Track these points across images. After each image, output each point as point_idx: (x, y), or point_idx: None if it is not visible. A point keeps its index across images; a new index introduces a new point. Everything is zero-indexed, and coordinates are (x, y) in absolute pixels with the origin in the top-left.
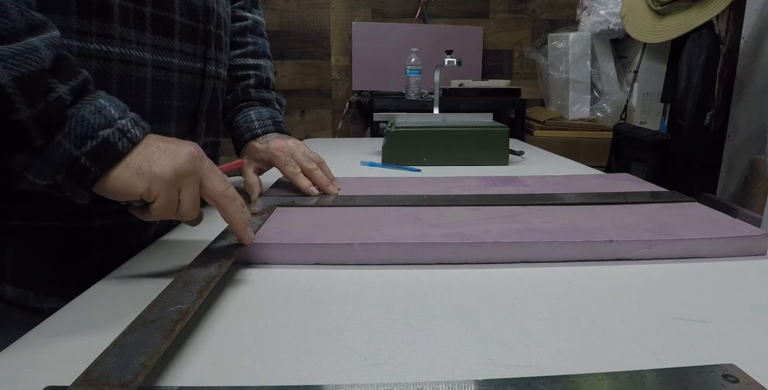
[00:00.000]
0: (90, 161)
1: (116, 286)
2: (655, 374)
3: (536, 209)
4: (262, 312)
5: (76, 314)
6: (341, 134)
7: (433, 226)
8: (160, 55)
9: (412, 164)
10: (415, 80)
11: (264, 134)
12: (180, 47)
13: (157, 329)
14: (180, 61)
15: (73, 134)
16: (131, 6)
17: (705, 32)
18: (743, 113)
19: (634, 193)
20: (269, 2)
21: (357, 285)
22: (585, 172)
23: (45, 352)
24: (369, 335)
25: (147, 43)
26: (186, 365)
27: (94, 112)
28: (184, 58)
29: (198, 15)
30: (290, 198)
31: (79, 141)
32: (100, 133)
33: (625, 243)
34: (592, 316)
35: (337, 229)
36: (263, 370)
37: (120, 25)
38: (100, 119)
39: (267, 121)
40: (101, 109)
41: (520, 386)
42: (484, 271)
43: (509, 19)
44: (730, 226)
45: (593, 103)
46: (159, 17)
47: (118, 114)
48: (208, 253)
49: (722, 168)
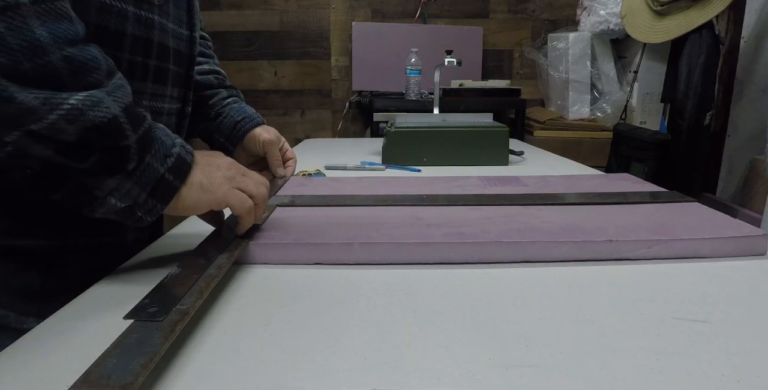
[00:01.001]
0: (173, 175)
1: (116, 286)
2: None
3: (536, 209)
4: (262, 312)
5: (75, 315)
6: (341, 134)
7: (433, 225)
8: (156, 101)
9: (412, 164)
10: (415, 80)
11: (261, 124)
12: (170, 92)
13: (157, 330)
14: (168, 105)
15: (159, 154)
16: (139, 60)
17: (705, 32)
18: (743, 113)
19: (634, 193)
20: (269, 2)
21: (357, 285)
22: (585, 172)
23: (44, 353)
24: (369, 335)
25: (147, 92)
26: (186, 366)
27: (165, 134)
28: (171, 102)
29: (184, 62)
30: (290, 197)
31: (162, 159)
32: (173, 151)
33: (625, 243)
34: (592, 316)
35: (337, 229)
36: (263, 371)
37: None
38: (170, 140)
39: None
40: (165, 131)
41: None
42: (484, 271)
43: (509, 19)
44: (730, 226)
45: (593, 103)
46: (159, 68)
47: (173, 135)
48: (205, 250)
49: (722, 168)
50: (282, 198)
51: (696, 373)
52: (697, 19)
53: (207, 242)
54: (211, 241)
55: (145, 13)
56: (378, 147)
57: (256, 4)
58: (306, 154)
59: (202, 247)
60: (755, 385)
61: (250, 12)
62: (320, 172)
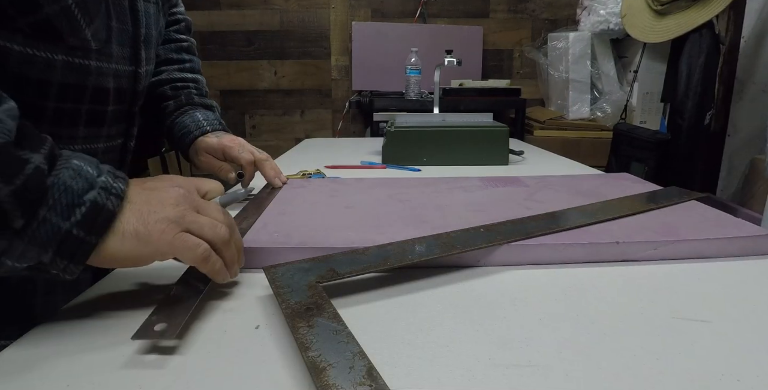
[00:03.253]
0: (84, 231)
1: (117, 285)
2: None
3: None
4: (262, 312)
5: (78, 313)
6: (341, 134)
7: (438, 228)
8: (90, 143)
9: (412, 164)
10: (415, 80)
11: (213, 131)
12: (107, 132)
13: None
14: (105, 144)
15: (59, 205)
16: (68, 106)
17: (705, 32)
18: (743, 113)
19: (639, 203)
20: (269, 2)
21: (357, 285)
22: (585, 171)
23: (42, 354)
24: (369, 335)
25: (79, 136)
26: (186, 365)
27: (74, 176)
28: (109, 140)
29: (126, 99)
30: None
31: (67, 211)
32: (86, 198)
33: (632, 244)
34: (592, 316)
35: (339, 232)
36: (262, 371)
37: (49, 126)
38: (82, 182)
39: (214, 121)
40: (79, 171)
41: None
42: (484, 271)
43: (509, 19)
44: (734, 227)
45: (593, 103)
46: (94, 111)
47: (95, 171)
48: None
49: (722, 168)
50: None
51: (696, 373)
52: (697, 18)
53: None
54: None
55: (79, 59)
56: (378, 147)
57: (256, 4)
58: (306, 154)
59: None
60: (755, 385)
61: (250, 12)
62: (320, 172)
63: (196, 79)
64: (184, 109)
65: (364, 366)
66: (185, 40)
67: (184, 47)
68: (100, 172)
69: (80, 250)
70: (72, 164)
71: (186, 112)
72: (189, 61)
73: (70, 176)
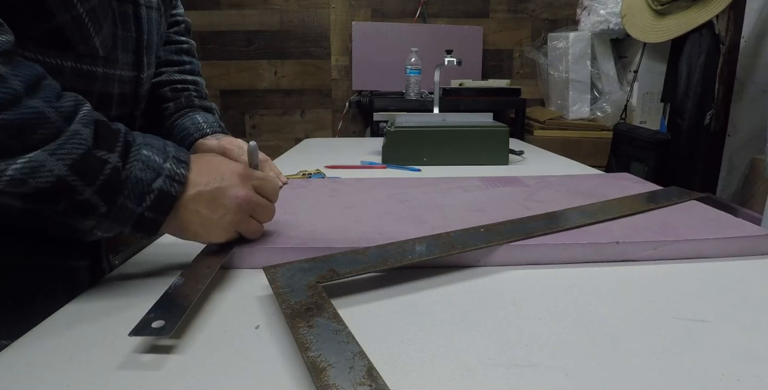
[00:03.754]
0: (153, 213)
1: (119, 283)
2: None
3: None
4: (262, 312)
5: (78, 313)
6: (341, 134)
7: (438, 227)
8: None
9: (412, 164)
10: (415, 80)
11: (213, 133)
12: None
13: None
14: None
15: (132, 195)
16: None
17: (705, 32)
18: (743, 113)
19: (639, 203)
20: (269, 2)
21: (356, 285)
22: (585, 171)
23: (42, 354)
24: (369, 335)
25: None
26: (186, 365)
27: (143, 168)
28: None
29: (128, 103)
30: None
31: (138, 199)
32: (154, 186)
33: (631, 244)
34: (592, 316)
35: (340, 233)
36: (262, 371)
37: None
38: (150, 173)
39: (214, 124)
40: (147, 162)
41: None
42: (484, 271)
43: (509, 19)
44: (734, 226)
45: (593, 103)
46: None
47: (161, 158)
48: (207, 258)
49: (722, 168)
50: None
51: (696, 373)
52: (697, 18)
53: (209, 249)
54: (214, 248)
55: (87, 66)
56: (378, 147)
57: (256, 4)
58: (306, 154)
59: (205, 255)
60: (755, 385)
61: (250, 12)
62: (320, 172)
63: (195, 81)
64: (184, 111)
65: (364, 366)
66: (185, 42)
67: (184, 49)
68: (166, 157)
69: (151, 227)
70: (141, 156)
71: (185, 114)
72: (189, 63)
73: (140, 169)
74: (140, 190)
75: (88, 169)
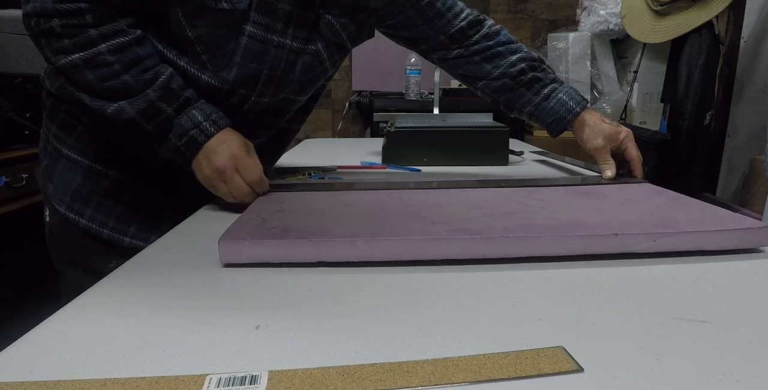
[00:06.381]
0: (186, 148)
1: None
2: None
3: (539, 207)
4: (260, 312)
5: (78, 313)
6: (341, 134)
7: (438, 223)
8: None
9: (412, 164)
10: (415, 80)
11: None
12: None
13: None
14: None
15: (176, 134)
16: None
17: (705, 32)
18: (743, 113)
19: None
20: None
21: (356, 285)
22: (585, 171)
23: (42, 353)
24: (369, 335)
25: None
26: (185, 365)
27: (187, 121)
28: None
29: (237, 114)
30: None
31: (179, 138)
32: (190, 133)
33: (631, 236)
34: (592, 316)
35: (340, 227)
36: (262, 371)
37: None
38: (190, 124)
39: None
40: (192, 118)
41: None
42: (484, 270)
43: (509, 19)
44: (732, 219)
45: (593, 103)
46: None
47: (202, 118)
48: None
49: (722, 168)
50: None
51: (696, 373)
52: (697, 19)
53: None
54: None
55: (196, 71)
56: (378, 147)
57: None
58: (306, 154)
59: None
60: (755, 385)
61: None
62: (320, 172)
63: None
64: (553, 86)
65: None
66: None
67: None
68: (207, 118)
69: (184, 158)
70: (190, 113)
71: (554, 90)
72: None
73: (185, 121)
74: (180, 132)
75: (150, 114)
